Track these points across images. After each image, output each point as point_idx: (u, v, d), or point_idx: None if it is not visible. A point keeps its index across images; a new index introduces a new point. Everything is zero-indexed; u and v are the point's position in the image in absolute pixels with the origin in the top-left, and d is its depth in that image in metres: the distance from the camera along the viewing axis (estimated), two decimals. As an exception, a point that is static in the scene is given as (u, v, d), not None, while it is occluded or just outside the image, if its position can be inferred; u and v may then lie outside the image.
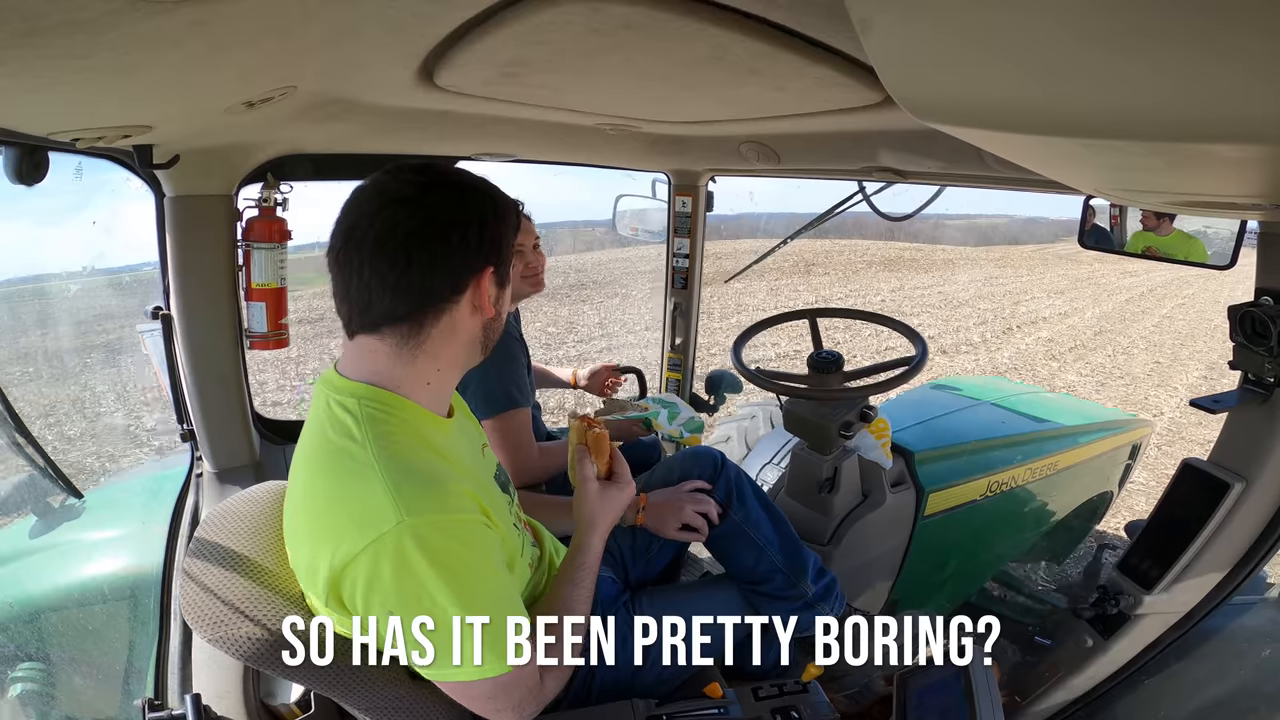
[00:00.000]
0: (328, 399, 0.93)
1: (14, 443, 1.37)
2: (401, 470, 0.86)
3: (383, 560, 0.83)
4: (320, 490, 0.91)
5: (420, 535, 0.83)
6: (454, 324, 0.94)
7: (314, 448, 0.94)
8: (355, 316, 0.92)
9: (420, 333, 0.92)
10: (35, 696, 1.47)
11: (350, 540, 0.84)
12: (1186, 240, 1.45)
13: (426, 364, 0.94)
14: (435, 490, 0.87)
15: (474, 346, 0.99)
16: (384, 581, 0.84)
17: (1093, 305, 13.37)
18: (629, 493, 1.19)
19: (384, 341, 0.93)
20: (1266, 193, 0.73)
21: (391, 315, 0.91)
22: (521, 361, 1.72)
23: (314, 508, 0.92)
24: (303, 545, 0.93)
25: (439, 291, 0.91)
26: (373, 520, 0.83)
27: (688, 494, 1.41)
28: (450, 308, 0.93)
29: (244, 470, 1.70)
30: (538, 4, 0.77)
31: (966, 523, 2.25)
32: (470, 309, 0.94)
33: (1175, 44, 0.38)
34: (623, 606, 1.30)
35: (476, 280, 0.93)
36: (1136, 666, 1.54)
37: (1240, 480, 1.33)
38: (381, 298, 0.90)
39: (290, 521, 0.98)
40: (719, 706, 1.19)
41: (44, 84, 0.67)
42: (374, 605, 0.85)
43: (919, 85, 0.60)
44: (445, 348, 0.95)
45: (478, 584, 0.89)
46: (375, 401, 0.92)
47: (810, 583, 1.44)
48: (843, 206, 2.28)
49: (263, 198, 1.59)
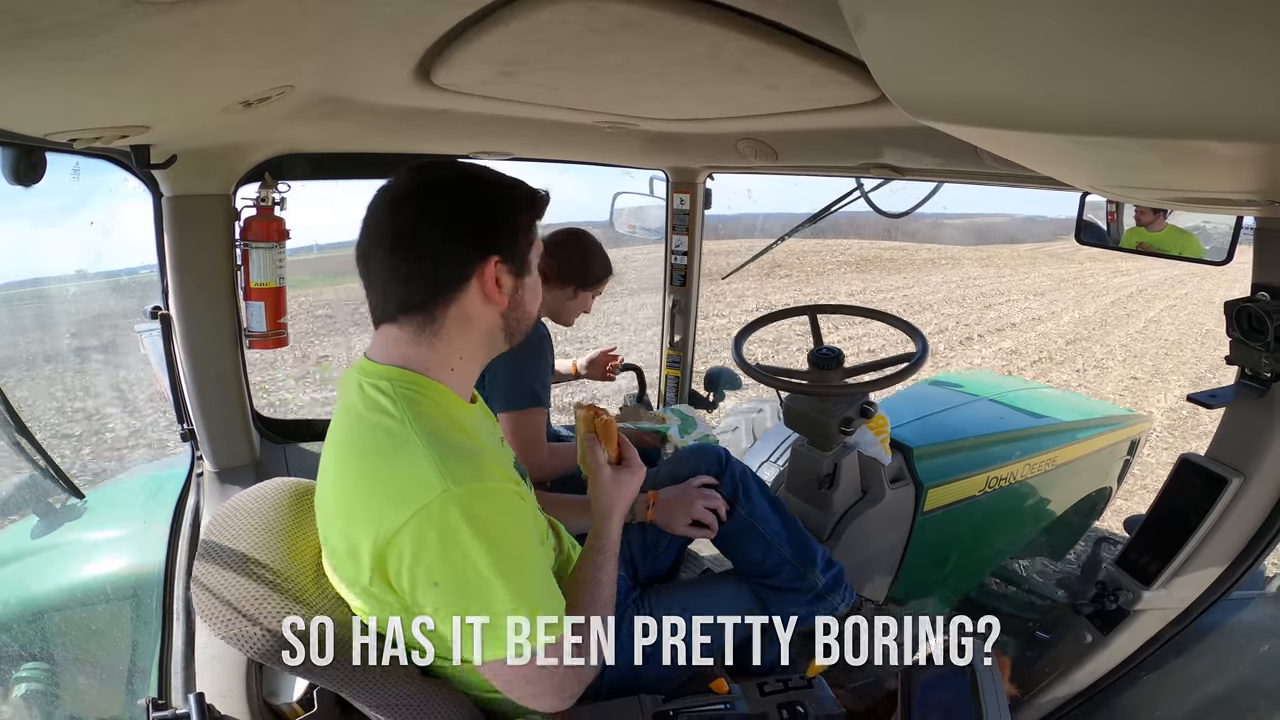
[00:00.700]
0: (359, 382, 0.96)
1: (15, 443, 1.38)
2: (442, 442, 0.89)
3: (428, 529, 0.84)
4: (357, 468, 0.93)
5: (464, 504, 0.85)
6: (466, 313, 0.96)
7: (348, 429, 0.96)
8: (378, 305, 0.97)
9: (434, 321, 0.96)
10: (39, 696, 1.48)
11: (395, 512, 0.85)
12: (1180, 235, 1.45)
13: (446, 350, 0.97)
14: (474, 462, 0.89)
15: (495, 335, 1.01)
16: (430, 551, 0.85)
17: (1074, 308, 12.86)
18: (640, 476, 1.20)
19: (404, 329, 0.96)
20: (1263, 189, 0.73)
21: (406, 305, 0.95)
22: (549, 361, 1.72)
23: (353, 487, 0.93)
24: (340, 526, 0.94)
25: (445, 281, 0.95)
26: (417, 491, 0.85)
27: (697, 490, 1.42)
28: (459, 297, 0.95)
29: (244, 470, 1.71)
30: (535, 2, 0.77)
31: (965, 518, 2.26)
32: (481, 298, 0.96)
33: (1173, 41, 0.38)
34: (631, 602, 1.31)
35: (480, 269, 0.95)
36: (1136, 662, 1.54)
37: (1238, 475, 1.33)
38: (395, 288, 0.95)
39: (325, 504, 0.99)
40: (725, 702, 1.19)
41: (40, 85, 0.67)
42: (419, 576, 0.86)
43: (913, 83, 0.60)
44: (462, 336, 0.98)
45: (520, 553, 0.91)
46: (407, 383, 0.95)
47: (820, 574, 1.45)
48: (840, 203, 2.28)
49: (261, 197, 1.59)
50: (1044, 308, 12.65)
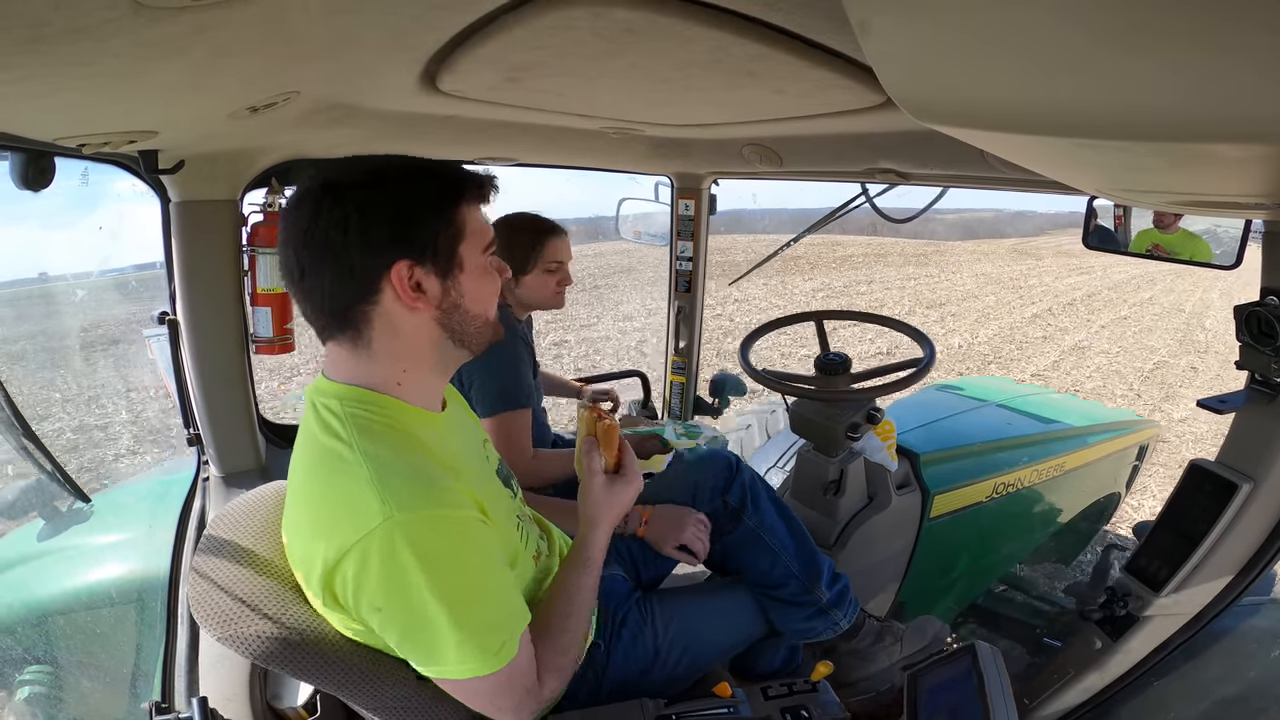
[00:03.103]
0: (313, 402, 0.94)
1: (21, 447, 1.38)
2: (387, 467, 0.86)
3: (370, 556, 0.83)
4: (313, 490, 0.92)
5: (407, 530, 0.82)
6: (390, 323, 0.90)
7: (306, 450, 0.94)
8: (311, 321, 0.93)
9: (359, 335, 0.91)
10: (43, 699, 1.48)
11: (340, 537, 0.84)
12: (1191, 239, 1.44)
13: (387, 363, 0.92)
14: (422, 485, 0.86)
15: (439, 342, 0.94)
16: (371, 577, 0.84)
17: (993, 318, 10.86)
18: (636, 487, 1.15)
19: (340, 345, 0.93)
20: (1271, 192, 0.73)
21: (325, 325, 0.91)
22: (525, 364, 1.73)
23: (308, 508, 0.92)
24: (299, 544, 0.94)
25: (346, 295, 0.88)
26: (361, 517, 0.83)
27: (694, 518, 1.42)
28: (373, 309, 0.89)
29: (250, 474, 1.71)
30: (540, 8, 0.77)
31: (973, 525, 2.24)
32: (402, 306, 0.89)
33: (1181, 43, 0.38)
34: (635, 605, 1.30)
35: (387, 276, 0.87)
36: (1146, 668, 1.53)
37: (1248, 481, 1.32)
38: (312, 302, 0.90)
39: (287, 520, 0.99)
40: (728, 706, 1.18)
41: (49, 90, 0.68)
42: (362, 602, 0.86)
43: (919, 87, 0.59)
44: (395, 347, 0.92)
45: (465, 580, 0.88)
46: (357, 401, 0.91)
47: (825, 588, 1.44)
48: (845, 209, 2.28)
49: (267, 203, 1.60)
50: (955, 320, 10.66)
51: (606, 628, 1.24)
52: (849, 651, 1.51)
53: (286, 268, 0.89)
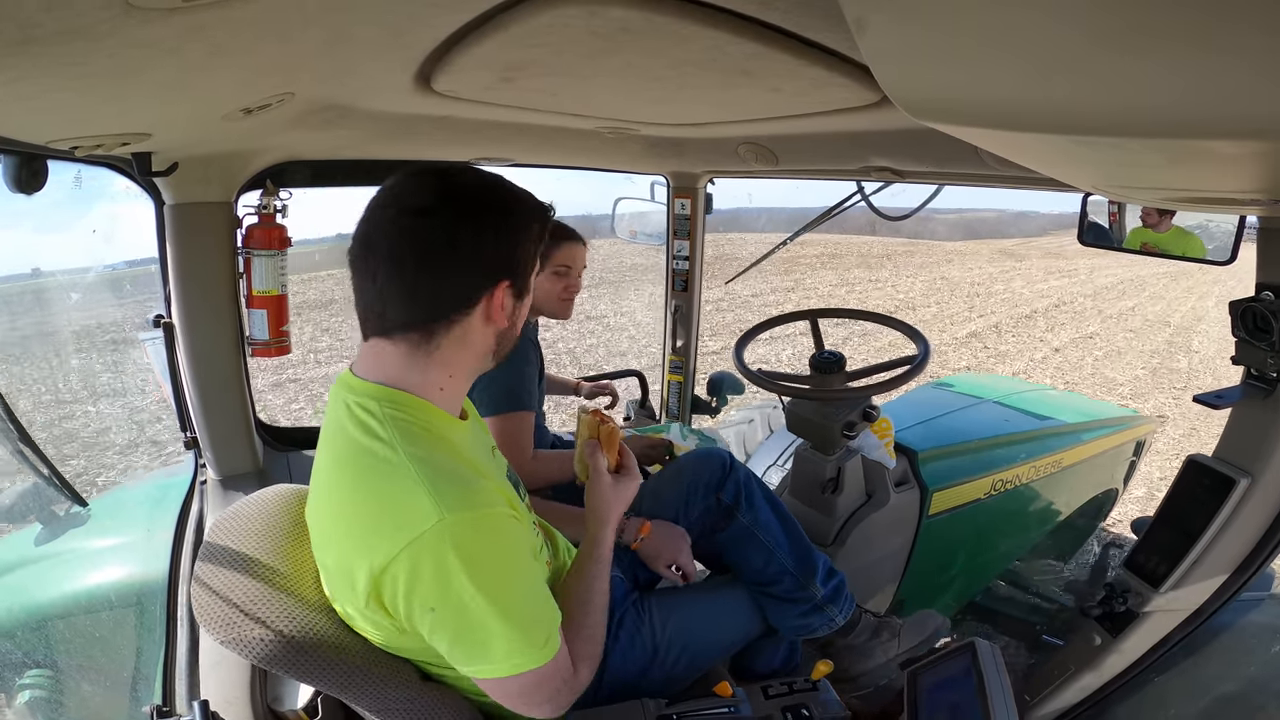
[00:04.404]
0: (346, 401, 0.94)
1: (18, 452, 1.38)
2: (433, 469, 0.87)
3: (423, 559, 0.83)
4: (351, 493, 0.91)
5: (457, 532, 0.84)
6: (466, 334, 0.94)
7: (340, 450, 0.93)
8: (370, 320, 0.94)
9: (431, 340, 0.93)
10: (43, 703, 1.48)
11: (390, 541, 0.84)
12: (1183, 236, 1.44)
13: (438, 371, 0.95)
14: (466, 487, 0.88)
15: (486, 355, 0.99)
16: (424, 580, 0.84)
17: None
18: (636, 486, 1.19)
19: (397, 346, 0.93)
20: (1266, 188, 0.73)
21: (404, 323, 0.92)
22: (534, 365, 1.73)
23: (346, 511, 0.92)
24: (335, 549, 0.93)
25: (451, 303, 0.92)
26: (412, 520, 0.84)
27: (687, 541, 1.43)
28: (462, 319, 0.93)
29: (247, 477, 1.71)
30: (535, 7, 0.77)
31: (971, 522, 2.25)
32: (483, 320, 0.94)
33: (1176, 40, 0.38)
34: (632, 606, 1.31)
35: (490, 293, 0.92)
36: (1145, 664, 1.53)
37: (1245, 476, 1.33)
38: (394, 306, 0.91)
39: (318, 524, 0.98)
40: (729, 705, 1.18)
41: (41, 92, 0.67)
42: (415, 604, 0.86)
43: (915, 84, 0.59)
44: (456, 356, 0.95)
45: (512, 578, 0.90)
46: (395, 404, 0.92)
47: (820, 584, 1.44)
48: (842, 206, 2.28)
49: (262, 204, 1.60)
50: (837, 344, 8.30)
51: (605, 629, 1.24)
52: (846, 647, 1.51)
53: (396, 264, 0.89)
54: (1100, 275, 15.04)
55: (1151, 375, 8.03)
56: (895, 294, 12.39)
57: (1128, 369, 8.29)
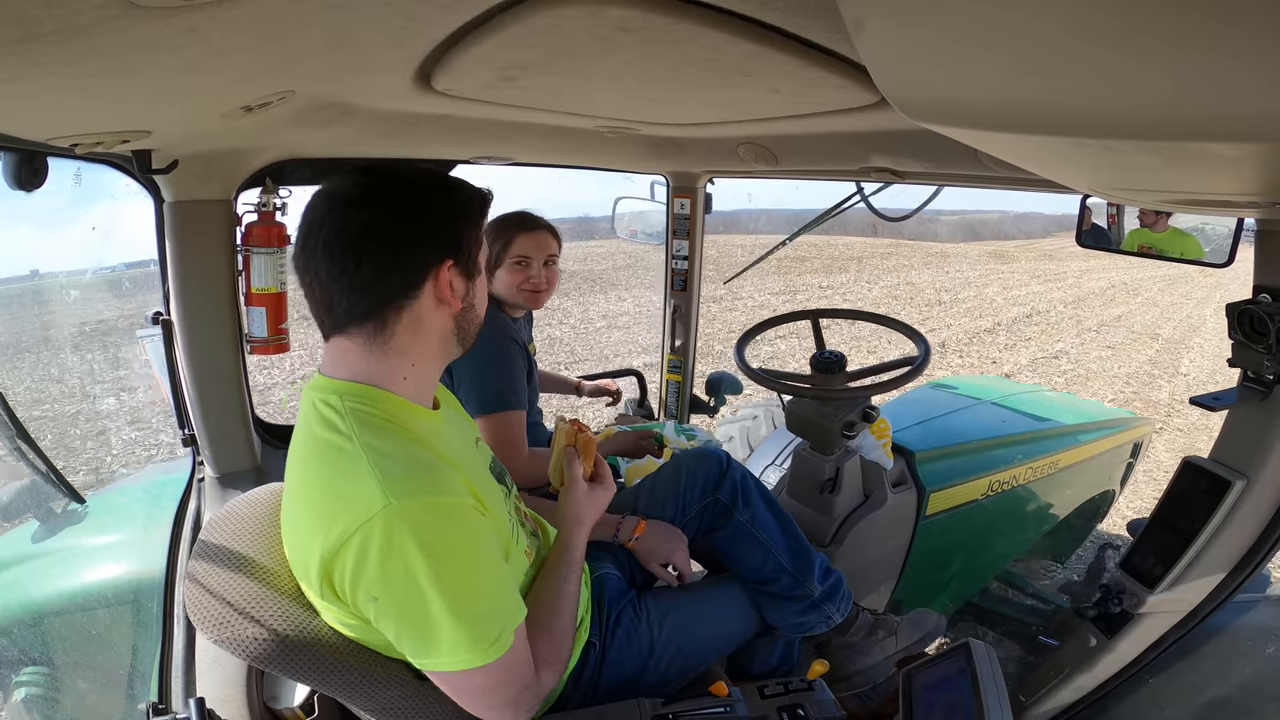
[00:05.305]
0: (313, 399, 0.95)
1: (15, 448, 1.38)
2: (386, 456, 0.87)
3: (370, 543, 0.84)
4: (311, 484, 0.92)
5: (407, 517, 0.84)
6: (419, 319, 0.95)
7: (304, 446, 0.95)
8: (324, 319, 0.95)
9: (385, 330, 0.94)
10: (39, 701, 1.47)
11: (339, 526, 0.85)
12: (1180, 237, 1.45)
13: (398, 360, 0.96)
14: (421, 474, 0.88)
15: (448, 340, 1.00)
16: (370, 565, 0.84)
17: None
18: (611, 494, 1.23)
19: (354, 341, 0.95)
20: (1264, 191, 0.73)
21: (352, 315, 0.93)
22: (520, 365, 1.72)
23: (306, 502, 0.93)
24: (297, 539, 0.94)
25: (394, 288, 0.93)
26: (360, 505, 0.84)
27: (683, 541, 1.43)
28: (410, 303, 0.94)
29: (245, 474, 1.71)
30: (535, 7, 0.77)
31: (968, 522, 2.25)
32: (434, 302, 0.95)
33: (1173, 42, 0.38)
34: (629, 604, 1.31)
35: (434, 274, 0.94)
36: (1140, 665, 1.54)
37: (1241, 478, 1.33)
38: (339, 299, 0.92)
39: (286, 518, 0.99)
40: (725, 705, 1.19)
41: (42, 89, 0.68)
42: (359, 590, 0.86)
43: (912, 86, 0.59)
44: (414, 343, 0.96)
45: (463, 568, 0.89)
46: (357, 397, 0.93)
47: (817, 582, 1.44)
48: (841, 207, 2.29)
49: (262, 203, 1.60)
50: None
51: (601, 627, 1.24)
52: (843, 645, 1.51)
53: (334, 259, 0.90)
54: (1091, 279, 14.00)
55: (1124, 407, 6.07)
56: (842, 302, 10.97)
57: (1091, 399, 6.68)
